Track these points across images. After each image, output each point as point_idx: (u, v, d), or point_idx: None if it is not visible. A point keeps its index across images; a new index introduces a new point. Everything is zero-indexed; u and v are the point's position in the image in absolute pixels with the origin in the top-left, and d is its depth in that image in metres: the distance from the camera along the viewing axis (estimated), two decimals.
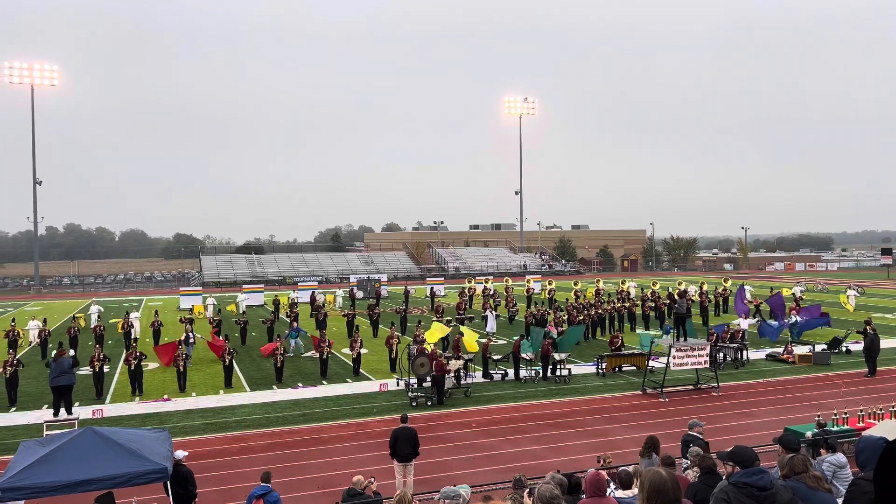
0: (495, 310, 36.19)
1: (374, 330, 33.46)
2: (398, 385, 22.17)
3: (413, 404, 19.64)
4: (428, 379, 20.89)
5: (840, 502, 5.55)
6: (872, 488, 2.70)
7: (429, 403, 19.79)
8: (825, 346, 26.77)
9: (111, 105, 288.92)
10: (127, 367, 22.27)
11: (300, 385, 22.77)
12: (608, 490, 6.36)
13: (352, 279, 57.67)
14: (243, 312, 35.08)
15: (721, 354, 24.45)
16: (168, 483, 10.06)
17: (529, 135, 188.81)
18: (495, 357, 24.21)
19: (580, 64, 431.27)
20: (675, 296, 29.08)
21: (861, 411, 15.36)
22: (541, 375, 22.99)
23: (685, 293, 28.25)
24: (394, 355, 24.88)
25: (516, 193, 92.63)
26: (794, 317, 30.67)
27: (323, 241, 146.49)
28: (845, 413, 15.02)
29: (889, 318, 37.34)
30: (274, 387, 22.56)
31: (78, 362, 20.91)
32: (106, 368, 22.31)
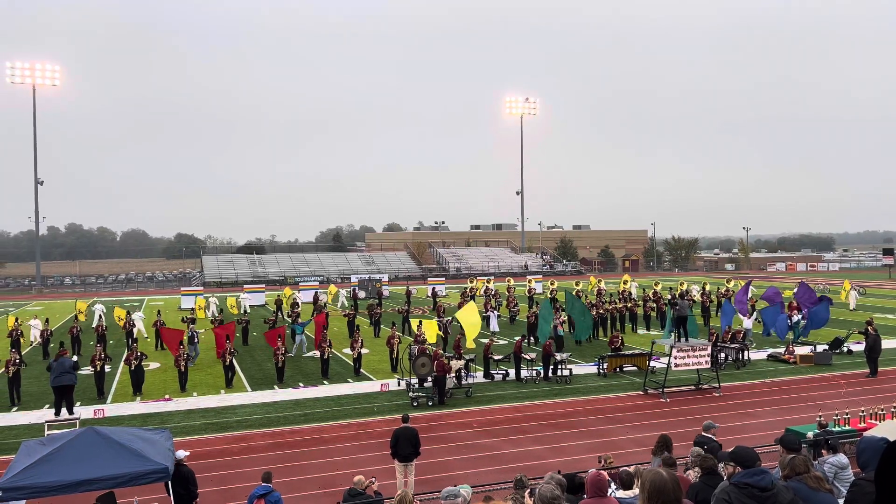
0: (497, 310, 36.21)
1: (376, 330, 33.52)
2: (399, 385, 22.18)
3: (414, 404, 19.65)
4: (429, 379, 20.91)
5: (841, 503, 5.54)
6: (874, 489, 2.70)
7: (430, 403, 19.80)
8: (826, 347, 26.78)
9: (113, 105, 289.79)
10: (128, 367, 22.30)
11: (301, 385, 22.79)
12: (609, 490, 6.36)
13: (353, 279, 57.72)
14: (245, 312, 35.10)
15: (722, 355, 24.46)
16: (169, 483, 10.05)
17: (530, 135, 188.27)
18: (496, 357, 24.22)
19: (581, 64, 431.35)
20: (676, 296, 29.00)
21: (862, 412, 15.31)
22: (542, 376, 23.01)
23: (686, 293, 28.20)
24: (395, 355, 24.92)
25: (517, 193, 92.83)
26: (797, 316, 30.45)
27: (324, 241, 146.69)
28: (847, 413, 15.00)
29: (890, 319, 37.30)
30: (275, 387, 22.59)
31: (78, 366, 20.90)
32: (107, 368, 22.33)
